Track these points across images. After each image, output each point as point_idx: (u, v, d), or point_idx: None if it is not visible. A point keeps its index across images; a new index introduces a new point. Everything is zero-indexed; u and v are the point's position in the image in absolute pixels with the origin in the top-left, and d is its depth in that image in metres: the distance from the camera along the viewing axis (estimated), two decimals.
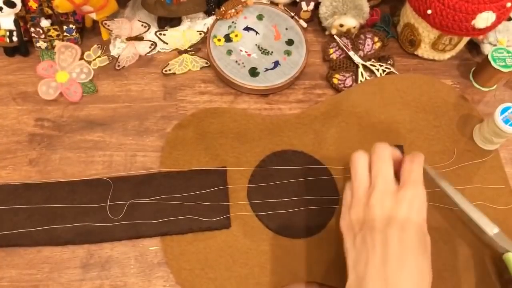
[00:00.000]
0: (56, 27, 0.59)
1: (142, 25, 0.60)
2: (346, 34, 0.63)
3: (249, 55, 0.60)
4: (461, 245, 0.50)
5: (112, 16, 0.60)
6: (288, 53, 0.61)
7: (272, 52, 0.61)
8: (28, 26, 0.58)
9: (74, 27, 0.59)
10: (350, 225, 0.43)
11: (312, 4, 0.64)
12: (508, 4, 0.55)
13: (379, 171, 0.43)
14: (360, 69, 0.61)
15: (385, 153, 0.44)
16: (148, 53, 0.62)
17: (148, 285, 0.47)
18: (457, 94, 0.59)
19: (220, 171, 0.52)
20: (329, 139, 0.55)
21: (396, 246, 0.39)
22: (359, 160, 0.45)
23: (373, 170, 0.43)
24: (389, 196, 0.41)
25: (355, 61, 0.61)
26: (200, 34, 0.62)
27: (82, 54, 0.59)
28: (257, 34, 0.62)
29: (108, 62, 0.60)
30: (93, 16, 0.58)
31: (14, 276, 0.46)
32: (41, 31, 0.58)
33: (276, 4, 0.65)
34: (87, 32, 0.63)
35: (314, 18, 0.67)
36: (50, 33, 0.59)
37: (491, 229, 0.46)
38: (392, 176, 0.43)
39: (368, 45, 0.63)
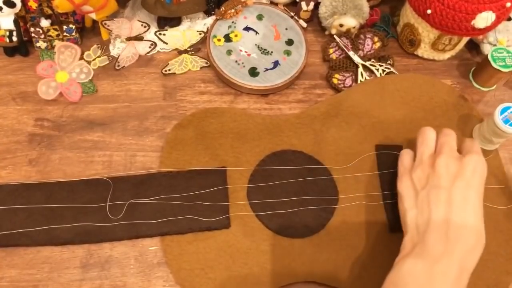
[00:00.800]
0: (56, 27, 0.59)
1: (142, 25, 0.60)
2: (346, 34, 0.63)
3: (249, 55, 0.60)
4: None
5: (112, 16, 0.60)
6: (288, 53, 0.61)
7: (272, 52, 0.61)
8: (28, 26, 0.58)
9: (74, 27, 0.59)
10: (411, 185, 0.46)
11: (312, 4, 0.64)
12: (508, 4, 0.55)
13: (446, 142, 0.47)
14: (360, 69, 0.61)
15: (452, 133, 0.48)
16: (148, 53, 0.62)
17: (148, 285, 0.47)
18: (457, 94, 0.59)
19: (220, 171, 0.52)
20: (329, 139, 0.55)
21: (460, 204, 0.42)
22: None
23: (439, 141, 0.48)
24: (454, 161, 0.45)
25: (355, 61, 0.61)
26: (200, 34, 0.62)
27: (82, 54, 0.59)
28: (257, 34, 0.62)
29: (108, 62, 0.60)
30: (93, 16, 0.58)
31: (14, 276, 0.46)
32: (41, 31, 0.58)
33: (276, 4, 0.65)
34: (87, 32, 0.63)
35: (314, 18, 0.67)
36: (50, 33, 0.59)
37: None
38: (456, 148, 0.47)
39: (368, 45, 0.62)
